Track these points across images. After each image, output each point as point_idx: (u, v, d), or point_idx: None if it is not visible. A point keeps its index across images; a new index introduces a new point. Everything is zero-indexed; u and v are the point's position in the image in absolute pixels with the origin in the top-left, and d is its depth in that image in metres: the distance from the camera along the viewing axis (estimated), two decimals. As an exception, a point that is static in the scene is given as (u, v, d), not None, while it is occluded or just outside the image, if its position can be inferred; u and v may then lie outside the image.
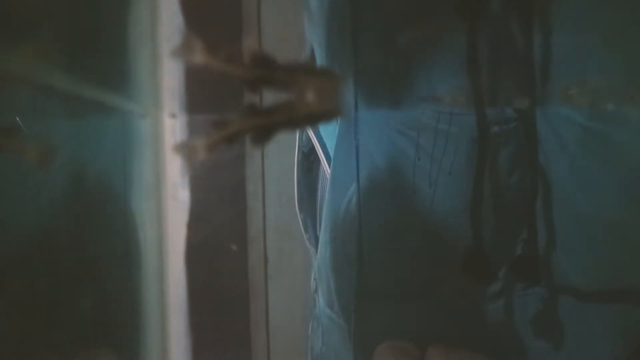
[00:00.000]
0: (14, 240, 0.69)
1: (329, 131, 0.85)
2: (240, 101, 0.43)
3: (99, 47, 0.53)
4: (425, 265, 0.76)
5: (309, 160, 0.94)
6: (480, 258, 0.73)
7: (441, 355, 0.74)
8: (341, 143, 0.82)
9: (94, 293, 0.67)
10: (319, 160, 0.89)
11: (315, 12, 0.78)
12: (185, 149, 0.44)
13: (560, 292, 0.74)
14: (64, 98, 0.55)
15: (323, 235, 0.83)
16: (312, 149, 0.91)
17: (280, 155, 0.99)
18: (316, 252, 0.89)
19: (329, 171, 0.86)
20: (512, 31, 0.71)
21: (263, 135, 0.42)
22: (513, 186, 0.74)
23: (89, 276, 0.66)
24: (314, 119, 0.42)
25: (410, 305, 0.77)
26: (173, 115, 0.49)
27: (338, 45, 0.76)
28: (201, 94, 0.49)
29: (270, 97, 0.44)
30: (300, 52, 0.84)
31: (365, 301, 0.78)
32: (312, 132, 0.87)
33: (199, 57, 0.42)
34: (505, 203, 0.74)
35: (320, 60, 0.79)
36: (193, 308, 0.77)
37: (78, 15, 0.50)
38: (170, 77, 0.48)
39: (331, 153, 0.85)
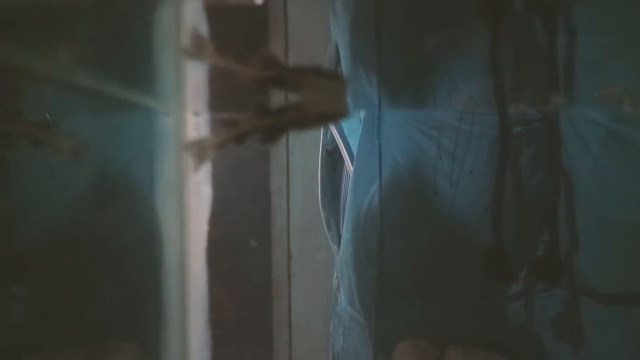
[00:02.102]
0: (41, 233, 0.74)
1: (353, 130, 0.88)
2: (260, 99, 0.46)
3: (127, 47, 0.57)
4: (446, 264, 0.79)
5: (333, 158, 0.97)
6: (501, 258, 0.76)
7: (460, 355, 0.76)
8: (364, 142, 0.85)
9: (116, 286, 0.71)
10: (344, 159, 0.92)
11: (340, 12, 0.81)
12: (195, 147, 0.48)
13: (581, 294, 0.76)
14: (93, 96, 0.59)
15: (345, 233, 0.86)
16: (337, 147, 0.94)
17: (305, 153, 1.02)
18: (339, 250, 0.92)
19: (352, 169, 0.88)
20: (535, 32, 0.73)
21: (272, 135, 0.45)
22: (535, 187, 0.76)
23: (111, 269, 0.70)
24: (322, 120, 0.45)
25: (430, 304, 0.79)
26: (197, 113, 0.53)
27: (362, 45, 0.79)
28: (224, 92, 0.53)
29: (279, 97, 0.47)
30: (325, 51, 0.87)
31: (386, 300, 0.81)
32: (335, 131, 0.90)
33: (210, 57, 0.45)
34: (527, 204, 0.76)
35: (344, 59, 0.82)
36: (213, 303, 0.80)
37: (107, 18, 0.54)
38: (194, 76, 0.52)
39: (354, 152, 0.88)
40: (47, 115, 0.61)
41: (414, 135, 0.78)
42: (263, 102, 0.45)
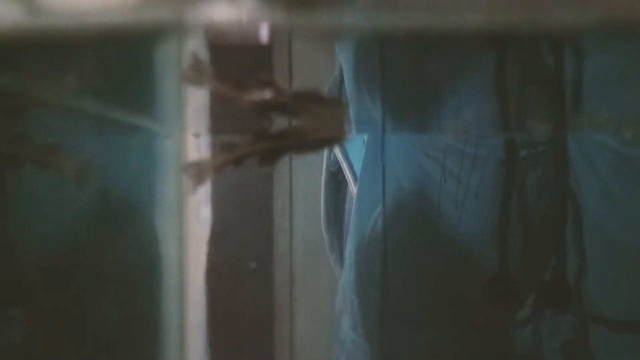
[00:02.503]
0: (41, 253, 0.73)
1: (356, 151, 0.88)
2: (260, 123, 0.46)
3: (129, 72, 0.57)
4: (451, 289, 0.78)
5: (336, 180, 0.96)
6: (507, 283, 0.75)
7: (466, 383, 0.75)
8: (367, 164, 0.84)
9: (115, 308, 0.71)
10: (347, 181, 0.92)
11: (346, 40, 0.81)
12: (193, 169, 0.47)
13: (591, 320, 0.75)
14: (96, 119, 0.59)
15: (348, 256, 0.86)
16: (340, 168, 0.93)
17: (308, 174, 1.01)
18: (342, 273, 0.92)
19: (355, 192, 0.88)
20: (542, 53, 0.73)
21: (270, 158, 0.45)
22: (542, 210, 0.76)
23: (110, 291, 0.70)
24: (321, 144, 0.45)
25: (435, 330, 0.78)
26: (197, 135, 0.53)
27: (366, 68, 0.79)
28: (225, 114, 0.53)
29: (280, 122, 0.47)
30: (330, 75, 0.86)
31: (389, 325, 0.80)
32: (339, 152, 0.90)
33: (208, 82, 0.45)
34: (534, 227, 0.76)
35: (347, 82, 0.82)
36: (213, 328, 0.79)
37: (110, 45, 0.54)
38: (195, 99, 0.52)
39: (358, 173, 0.88)
40: (51, 141, 0.62)
41: (418, 157, 0.78)
42: (263, 126, 0.45)
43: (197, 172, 0.47)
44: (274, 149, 0.44)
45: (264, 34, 0.51)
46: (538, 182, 0.75)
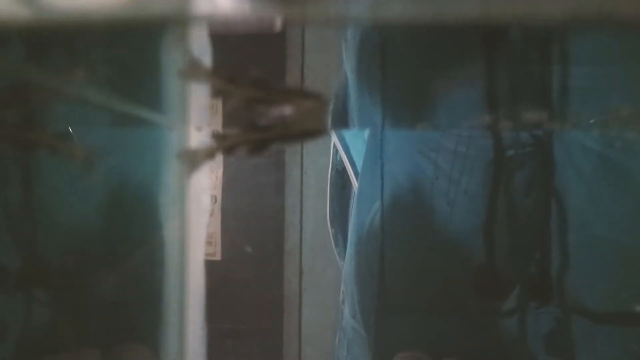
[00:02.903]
0: (61, 240, 0.80)
1: (359, 150, 0.93)
2: (249, 116, 0.51)
3: (136, 67, 0.64)
4: (442, 280, 0.82)
5: (342, 178, 1.01)
6: (492, 276, 0.79)
7: (454, 367, 0.79)
8: (367, 162, 0.89)
9: (125, 293, 0.77)
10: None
11: (350, 38, 0.87)
12: (187, 156, 0.53)
13: (573, 312, 0.78)
14: (105, 111, 0.66)
15: (349, 248, 0.91)
16: (346, 167, 0.99)
17: (318, 173, 1.07)
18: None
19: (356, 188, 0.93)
20: (530, 60, 0.77)
21: (258, 148, 0.50)
22: (527, 208, 0.80)
23: (121, 277, 0.76)
24: (304, 136, 0.50)
25: (427, 318, 0.83)
26: (199, 129, 0.58)
27: (368, 69, 0.84)
28: (231, 110, 0.58)
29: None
30: (337, 78, 0.92)
31: (385, 313, 0.84)
32: (343, 151, 0.95)
33: (203, 78, 0.51)
34: (520, 224, 0.80)
35: (351, 82, 0.87)
36: (221, 317, 0.85)
37: (118, 42, 0.61)
38: (197, 94, 0.58)
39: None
40: (64, 129, 0.68)
41: (413, 156, 0.83)
42: (251, 118, 0.50)
43: (192, 159, 0.53)
44: (261, 139, 0.50)
45: (273, 25, 0.56)
46: (524, 181, 0.79)
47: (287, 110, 0.50)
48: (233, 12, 0.50)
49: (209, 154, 0.52)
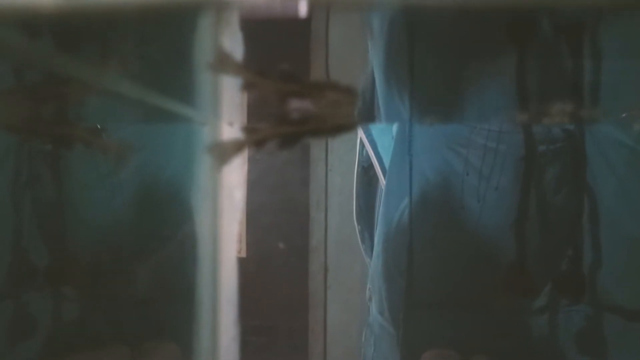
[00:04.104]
0: (91, 237, 0.80)
1: (386, 146, 0.93)
2: (281, 110, 0.51)
3: (169, 62, 0.64)
4: (472, 277, 0.82)
5: (368, 175, 1.01)
6: (523, 273, 0.79)
7: (484, 365, 0.79)
8: (395, 158, 0.89)
9: (156, 290, 0.78)
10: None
11: (376, 34, 0.86)
12: (217, 150, 0.53)
13: (604, 310, 0.78)
14: (138, 106, 0.66)
15: (376, 245, 0.91)
16: (372, 164, 0.98)
17: (343, 170, 1.07)
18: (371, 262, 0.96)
19: (384, 185, 0.93)
20: (562, 54, 0.76)
21: (289, 142, 0.50)
22: (559, 204, 0.79)
23: (152, 274, 0.77)
24: (336, 131, 0.50)
25: (456, 315, 0.83)
26: (231, 123, 0.58)
27: (395, 65, 0.84)
28: (256, 104, 0.58)
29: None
30: (363, 68, 0.92)
31: (414, 310, 0.84)
32: (370, 148, 0.95)
33: (233, 71, 0.51)
34: (551, 220, 0.79)
35: (378, 77, 0.87)
36: (252, 312, 0.85)
37: (151, 37, 0.61)
38: (229, 89, 0.58)
39: (387, 168, 0.93)
40: (98, 124, 0.69)
41: (442, 152, 0.83)
42: (283, 112, 0.50)
43: (222, 153, 0.53)
44: (293, 133, 0.50)
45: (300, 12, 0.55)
46: (556, 177, 0.79)
47: (318, 104, 0.50)
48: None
49: (238, 148, 0.52)
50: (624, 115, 0.77)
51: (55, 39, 0.59)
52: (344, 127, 0.49)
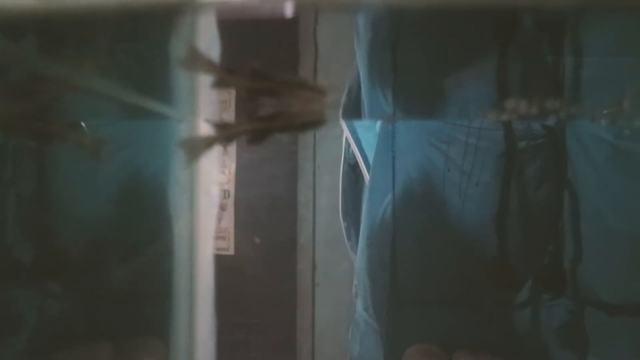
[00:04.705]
0: (76, 233, 0.81)
1: (370, 143, 0.94)
2: (250, 106, 0.52)
3: (145, 58, 0.65)
4: (454, 273, 0.83)
5: (355, 172, 1.02)
6: (505, 268, 0.79)
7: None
8: (379, 155, 0.90)
9: (137, 286, 0.78)
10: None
11: (362, 32, 0.87)
12: (187, 145, 0.54)
13: (586, 304, 0.79)
14: (115, 103, 0.67)
15: (361, 241, 0.91)
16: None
17: (331, 168, 1.08)
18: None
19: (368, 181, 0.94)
20: (542, 51, 0.77)
21: (258, 137, 0.51)
22: (540, 200, 0.80)
23: (133, 270, 0.78)
24: (304, 127, 0.51)
25: (440, 310, 0.83)
26: (208, 120, 0.59)
27: (379, 63, 0.85)
28: (237, 103, 0.60)
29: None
30: (349, 71, 0.93)
31: (397, 305, 0.85)
32: (355, 145, 0.96)
33: (202, 68, 0.52)
34: (532, 216, 0.80)
35: (362, 76, 0.88)
36: (235, 311, 0.86)
37: (127, 35, 0.62)
38: (206, 87, 0.59)
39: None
40: (79, 121, 0.70)
41: (424, 148, 0.83)
42: (252, 109, 0.52)
43: (192, 148, 0.54)
44: (262, 129, 0.51)
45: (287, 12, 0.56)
46: (536, 172, 0.80)
47: (288, 101, 0.51)
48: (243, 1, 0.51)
49: (208, 144, 0.53)
50: (605, 111, 0.78)
51: (35, 38, 0.60)
52: (313, 123, 0.51)
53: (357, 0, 0.65)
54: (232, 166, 1.08)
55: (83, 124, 0.69)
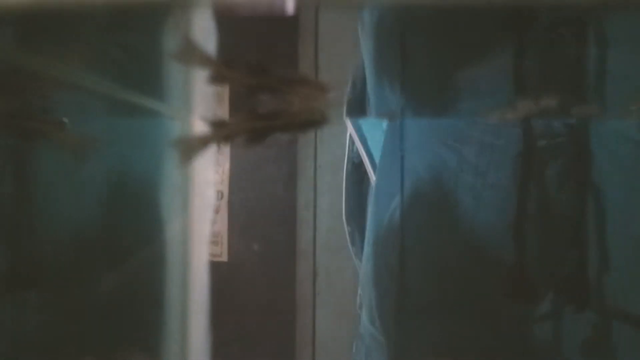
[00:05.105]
0: (56, 237, 0.79)
1: (377, 141, 0.92)
2: (250, 103, 0.50)
3: (136, 52, 0.63)
4: (468, 282, 0.81)
5: (359, 171, 1.00)
6: (524, 277, 0.78)
7: (481, 377, 0.78)
8: (386, 154, 0.88)
9: (125, 296, 0.76)
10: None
11: (366, 21, 0.85)
12: (182, 145, 0.52)
13: (613, 317, 0.77)
14: (104, 100, 0.65)
15: (366, 248, 0.89)
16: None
17: (333, 167, 1.05)
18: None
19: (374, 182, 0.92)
20: (564, 43, 0.75)
21: (257, 138, 0.49)
22: (561, 203, 0.78)
23: (120, 278, 0.76)
24: (306, 126, 0.49)
25: (452, 323, 0.81)
26: (203, 118, 0.57)
27: (386, 55, 0.83)
28: (231, 97, 0.57)
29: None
30: (353, 63, 0.91)
31: (406, 318, 0.83)
32: (359, 143, 0.94)
33: (199, 62, 0.50)
34: (553, 220, 0.78)
35: (368, 69, 0.86)
36: (228, 322, 0.84)
37: (118, 28, 0.60)
38: (202, 84, 0.57)
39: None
40: (63, 118, 0.68)
41: (435, 146, 0.82)
42: (252, 106, 0.49)
43: (187, 148, 0.52)
44: (262, 128, 0.48)
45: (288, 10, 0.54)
46: (558, 173, 0.78)
47: (290, 98, 0.49)
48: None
49: (205, 143, 0.51)
50: (632, 108, 0.76)
51: (15, 30, 0.58)
52: (315, 122, 0.48)
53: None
54: (226, 165, 1.05)
55: (66, 120, 0.66)
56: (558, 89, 0.77)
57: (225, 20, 0.56)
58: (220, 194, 1.03)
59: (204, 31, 0.55)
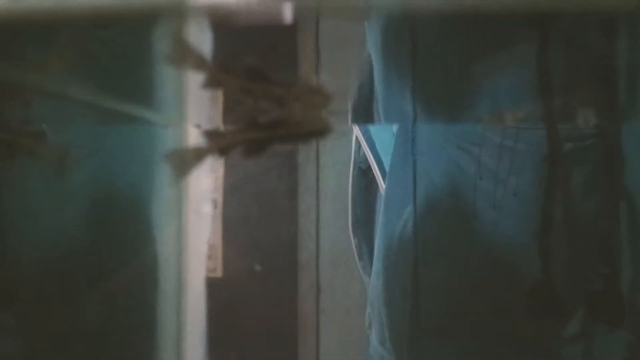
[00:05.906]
0: (35, 254, 0.80)
1: (386, 144, 0.92)
2: (248, 112, 0.50)
3: (124, 59, 0.63)
4: (489, 299, 0.81)
5: (367, 177, 1.00)
6: (551, 294, 0.78)
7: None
8: (396, 159, 0.88)
9: (112, 319, 0.77)
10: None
11: (374, 19, 0.86)
12: (175, 158, 0.52)
13: (649, 337, 0.78)
14: (91, 108, 0.65)
15: (375, 262, 0.90)
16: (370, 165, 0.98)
17: (337, 171, 1.05)
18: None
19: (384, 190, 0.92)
20: (591, 37, 0.76)
21: (256, 149, 0.49)
22: (590, 212, 0.79)
23: (105, 296, 0.76)
24: (309, 136, 0.49)
25: (471, 344, 0.82)
26: (198, 126, 0.57)
27: (395, 54, 0.83)
28: (227, 105, 0.58)
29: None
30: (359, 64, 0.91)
31: (421, 338, 0.84)
32: (367, 146, 0.94)
33: (194, 65, 0.50)
34: (581, 231, 0.79)
35: (376, 69, 0.86)
36: (217, 339, 0.84)
37: (105, 32, 0.61)
38: (197, 89, 0.57)
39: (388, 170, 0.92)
40: (45, 127, 0.68)
41: (451, 151, 0.82)
42: (251, 114, 0.50)
43: (180, 161, 0.52)
44: (262, 139, 0.49)
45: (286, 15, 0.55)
46: (585, 179, 0.78)
47: (290, 105, 0.49)
48: (237, 4, 0.49)
49: (200, 155, 0.51)
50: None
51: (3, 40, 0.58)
52: (318, 132, 0.49)
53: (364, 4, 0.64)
54: (220, 171, 1.05)
55: (46, 128, 0.66)
56: (586, 85, 0.77)
57: (221, 28, 0.57)
58: (214, 203, 1.03)
59: (198, 32, 0.55)
